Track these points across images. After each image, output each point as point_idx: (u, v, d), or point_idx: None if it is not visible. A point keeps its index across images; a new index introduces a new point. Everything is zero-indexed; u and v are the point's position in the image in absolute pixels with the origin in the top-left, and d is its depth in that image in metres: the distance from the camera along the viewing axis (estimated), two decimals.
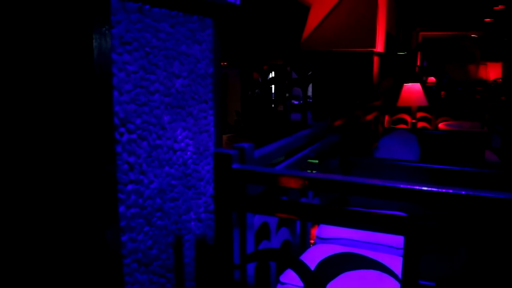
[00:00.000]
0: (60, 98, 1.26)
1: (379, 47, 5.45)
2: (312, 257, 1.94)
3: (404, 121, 5.92)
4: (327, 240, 2.33)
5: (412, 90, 5.27)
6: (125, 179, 1.34)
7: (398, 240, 2.15)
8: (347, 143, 3.33)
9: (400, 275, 1.51)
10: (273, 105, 9.12)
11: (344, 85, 5.32)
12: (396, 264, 1.81)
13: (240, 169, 1.44)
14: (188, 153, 1.62)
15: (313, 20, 5.13)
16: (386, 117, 5.87)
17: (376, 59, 5.38)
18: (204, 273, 1.80)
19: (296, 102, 10.67)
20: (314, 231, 2.49)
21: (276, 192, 1.95)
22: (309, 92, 7.25)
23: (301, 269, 1.46)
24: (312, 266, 1.81)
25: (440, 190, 1.24)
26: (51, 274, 1.37)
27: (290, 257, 1.47)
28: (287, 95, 9.22)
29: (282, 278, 1.89)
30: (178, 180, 1.58)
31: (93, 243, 1.29)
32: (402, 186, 1.29)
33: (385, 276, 1.65)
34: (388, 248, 2.16)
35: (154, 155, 1.45)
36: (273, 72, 10.67)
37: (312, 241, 2.50)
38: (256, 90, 8.42)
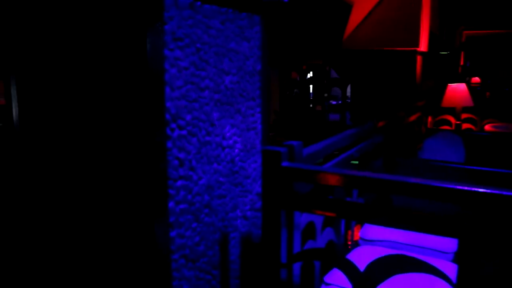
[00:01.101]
0: (115, 93, 1.28)
1: (423, 46, 5.32)
2: (358, 258, 1.90)
3: (448, 122, 5.76)
4: (372, 242, 2.29)
5: (457, 90, 5.12)
6: (175, 174, 1.35)
7: (446, 244, 2.08)
8: (391, 144, 3.27)
9: (454, 280, 1.46)
10: (311, 105, 9.06)
11: (386, 85, 5.22)
12: (447, 268, 1.75)
13: (290, 167, 1.42)
14: (236, 150, 1.61)
15: (355, 18, 5.06)
16: (429, 118, 5.73)
17: (419, 59, 5.25)
18: (249, 271, 1.79)
19: (334, 103, 10.58)
20: (357, 233, 2.45)
21: (321, 192, 1.92)
22: (348, 93, 7.17)
23: (350, 270, 1.43)
24: (359, 267, 1.77)
25: (500, 192, 1.19)
26: (103, 266, 1.39)
27: (339, 257, 1.44)
28: (325, 95, 9.14)
29: (327, 279, 1.87)
30: (225, 177, 1.57)
31: (144, 238, 1.30)
32: (458, 187, 1.25)
33: (439, 280, 1.60)
34: (436, 252, 2.10)
35: (203, 151, 1.45)
36: (311, 72, 10.61)
37: (349, 243, 2.46)
38: (295, 90, 8.37)
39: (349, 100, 7.69)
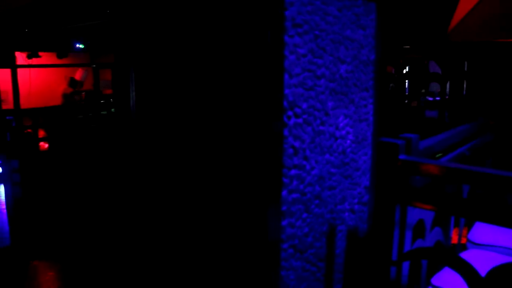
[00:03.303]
0: (235, 79, 1.29)
1: None
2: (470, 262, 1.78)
3: None
4: (481, 246, 2.14)
5: None
6: (290, 163, 1.33)
7: None
8: (503, 144, 3.04)
9: None
10: (406, 101, 8.72)
11: (495, 80, 4.86)
12: None
13: (408, 160, 1.35)
14: (348, 141, 1.57)
15: (464, 6, 4.73)
16: None
17: None
18: (353, 266, 1.74)
19: (430, 99, 10.12)
20: (463, 236, 2.30)
21: (433, 188, 1.82)
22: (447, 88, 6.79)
23: (470, 273, 1.33)
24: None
25: None
26: (217, 249, 1.42)
27: (457, 258, 1.35)
28: (423, 91, 8.74)
29: (434, 281, 1.77)
30: (336, 169, 1.54)
31: (257, 225, 1.31)
32: None
33: None
34: None
35: (317, 141, 1.43)
36: (407, 67, 10.18)
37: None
38: (391, 85, 8.09)
39: (447, 96, 7.28)
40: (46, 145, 7.33)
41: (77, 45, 7.51)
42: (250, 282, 1.37)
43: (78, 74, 10.25)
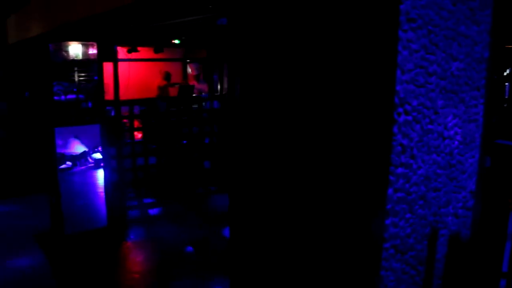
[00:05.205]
0: (343, 74, 1.28)
1: None
2: None
3: None
4: None
5: None
6: (397, 161, 1.30)
7: None
8: None
9: None
10: (505, 105, 8.18)
11: None
12: None
13: None
14: (456, 142, 1.50)
15: None
16: None
17: None
18: (454, 273, 1.67)
19: None
20: None
21: None
22: None
23: None
24: None
25: None
26: (322, 244, 1.42)
27: None
28: None
29: None
30: (442, 170, 1.48)
31: (361, 221, 1.29)
32: None
33: None
34: None
35: (425, 140, 1.38)
36: (508, 69, 9.53)
37: None
38: None
39: None
40: (140, 135, 7.74)
41: (173, 41, 7.84)
42: (350, 279, 1.36)
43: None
